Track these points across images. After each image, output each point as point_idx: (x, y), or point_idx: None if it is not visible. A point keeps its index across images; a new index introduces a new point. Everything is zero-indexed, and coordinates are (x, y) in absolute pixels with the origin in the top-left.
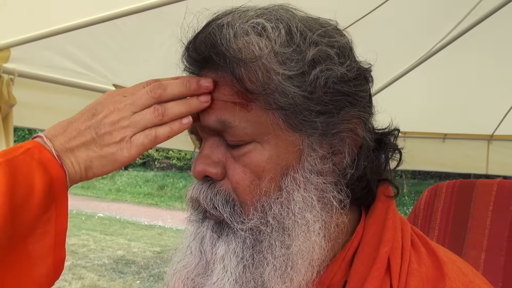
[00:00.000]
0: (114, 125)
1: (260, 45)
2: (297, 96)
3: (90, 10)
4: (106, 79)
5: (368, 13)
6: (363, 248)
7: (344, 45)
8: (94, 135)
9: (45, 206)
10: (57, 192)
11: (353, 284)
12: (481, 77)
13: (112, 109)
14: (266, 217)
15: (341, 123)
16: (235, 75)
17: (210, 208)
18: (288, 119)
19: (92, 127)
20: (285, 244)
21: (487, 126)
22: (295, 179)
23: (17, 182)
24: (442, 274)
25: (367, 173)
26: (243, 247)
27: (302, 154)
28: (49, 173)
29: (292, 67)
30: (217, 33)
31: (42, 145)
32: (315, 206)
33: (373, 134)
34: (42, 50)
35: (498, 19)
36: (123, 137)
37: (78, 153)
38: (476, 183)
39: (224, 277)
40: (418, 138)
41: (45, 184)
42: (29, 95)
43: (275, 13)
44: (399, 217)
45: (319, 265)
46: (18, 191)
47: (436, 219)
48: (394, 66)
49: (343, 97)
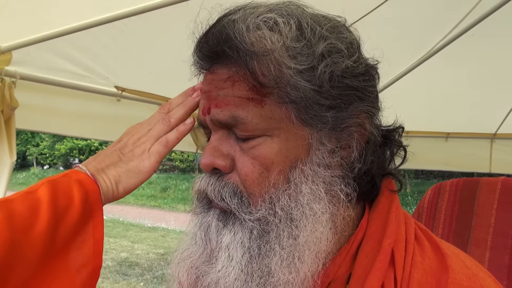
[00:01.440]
0: (135, 143)
1: (272, 39)
2: (307, 90)
3: (90, 12)
4: (107, 81)
5: (369, 12)
6: (367, 241)
7: (352, 41)
8: (120, 155)
9: (83, 216)
10: (93, 204)
11: (357, 277)
12: (483, 75)
13: (133, 133)
14: (274, 208)
15: (350, 117)
16: (248, 68)
17: (218, 200)
18: (299, 114)
19: (118, 150)
20: (292, 235)
21: (490, 125)
22: (303, 172)
23: (58, 195)
24: (445, 267)
25: (373, 167)
26: (250, 237)
27: (311, 147)
28: (85, 187)
29: (302, 61)
30: (230, 27)
31: (78, 170)
32: (323, 198)
33: (379, 130)
34: (43, 52)
35: (501, 16)
36: (143, 150)
37: (108, 171)
38: (480, 181)
39: (229, 265)
40: (420, 138)
41: (82, 196)
42: (31, 97)
43: (285, 9)
44: (403, 211)
45: (325, 257)
46: (60, 202)
47: (440, 217)
48: (396, 66)
49: (352, 91)
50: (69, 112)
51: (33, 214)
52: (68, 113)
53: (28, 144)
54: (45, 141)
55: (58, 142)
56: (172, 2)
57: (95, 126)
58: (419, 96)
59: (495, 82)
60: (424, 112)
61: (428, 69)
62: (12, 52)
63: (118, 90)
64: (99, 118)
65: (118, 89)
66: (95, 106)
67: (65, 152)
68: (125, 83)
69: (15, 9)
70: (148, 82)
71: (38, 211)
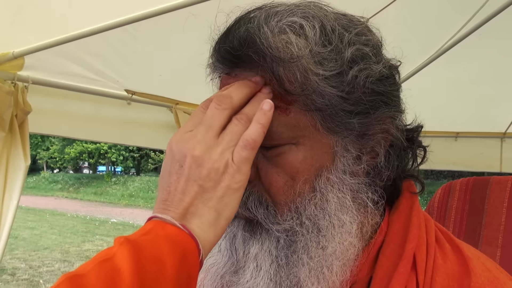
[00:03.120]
0: (209, 160)
1: (298, 45)
2: (333, 97)
3: (100, 16)
4: (118, 84)
5: (377, 13)
6: (388, 244)
7: (377, 43)
8: (198, 182)
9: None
10: (192, 267)
11: (379, 280)
12: (492, 74)
13: (192, 148)
14: (301, 218)
15: (376, 123)
16: (275, 75)
17: (243, 210)
18: (325, 121)
19: (190, 178)
20: (320, 245)
21: (499, 124)
22: (329, 180)
23: (144, 262)
24: (467, 270)
25: (398, 171)
26: (277, 246)
27: (336, 155)
28: (181, 246)
29: (329, 68)
30: (254, 31)
31: (161, 221)
32: (350, 206)
33: (404, 133)
34: (55, 57)
35: (509, 14)
36: (225, 164)
37: (197, 211)
38: (490, 180)
39: (258, 275)
40: (430, 137)
41: (176, 260)
42: (43, 102)
43: (308, 10)
44: (423, 213)
45: (352, 264)
46: (147, 271)
47: (450, 217)
48: (404, 65)
49: (379, 97)
50: (80, 115)
51: None
52: (79, 117)
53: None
54: (55, 145)
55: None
56: (181, 6)
57: (106, 129)
58: (427, 95)
59: (503, 80)
60: (433, 111)
61: (437, 69)
62: (24, 57)
63: (128, 94)
64: (109, 121)
65: (128, 93)
66: (106, 109)
67: (74, 156)
68: (135, 86)
69: (27, 15)
70: (157, 85)
71: (119, 287)
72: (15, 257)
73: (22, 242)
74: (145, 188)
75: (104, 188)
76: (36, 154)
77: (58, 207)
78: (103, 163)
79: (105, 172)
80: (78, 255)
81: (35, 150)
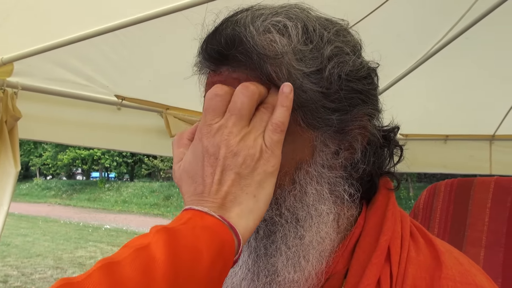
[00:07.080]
0: (244, 147)
1: (282, 42)
2: (314, 92)
3: (90, 22)
4: (107, 90)
5: (364, 18)
6: (364, 238)
7: (355, 44)
8: (235, 170)
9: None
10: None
11: (354, 272)
12: (481, 77)
13: (226, 138)
14: (280, 209)
15: (354, 120)
16: (263, 71)
17: None
18: (306, 117)
19: (226, 168)
20: (298, 235)
21: (488, 126)
22: (308, 173)
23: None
24: (439, 263)
25: (374, 167)
26: (256, 237)
27: (315, 149)
28: (219, 237)
29: (310, 65)
30: (241, 30)
31: (200, 211)
32: (328, 198)
33: (380, 131)
34: (44, 63)
35: (495, 17)
36: (260, 149)
37: (236, 199)
38: (474, 181)
39: (236, 265)
40: (419, 140)
41: (213, 251)
42: (32, 108)
43: (292, 11)
44: (399, 209)
45: (328, 255)
46: (183, 261)
47: (435, 218)
48: (392, 69)
49: (357, 94)
50: (71, 121)
51: (147, 283)
52: (69, 122)
53: (31, 155)
54: (48, 152)
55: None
56: (170, 11)
57: (97, 135)
58: (416, 99)
59: (492, 83)
60: (422, 114)
61: (425, 72)
62: (14, 63)
63: (118, 99)
64: (99, 127)
65: (118, 98)
66: (96, 115)
67: (67, 162)
68: (125, 92)
69: (16, 21)
70: (148, 90)
71: (153, 276)
72: (7, 264)
73: (15, 249)
74: (138, 194)
75: (97, 194)
76: (29, 161)
77: (51, 213)
78: (97, 169)
79: (98, 178)
80: (71, 262)
81: (28, 156)
